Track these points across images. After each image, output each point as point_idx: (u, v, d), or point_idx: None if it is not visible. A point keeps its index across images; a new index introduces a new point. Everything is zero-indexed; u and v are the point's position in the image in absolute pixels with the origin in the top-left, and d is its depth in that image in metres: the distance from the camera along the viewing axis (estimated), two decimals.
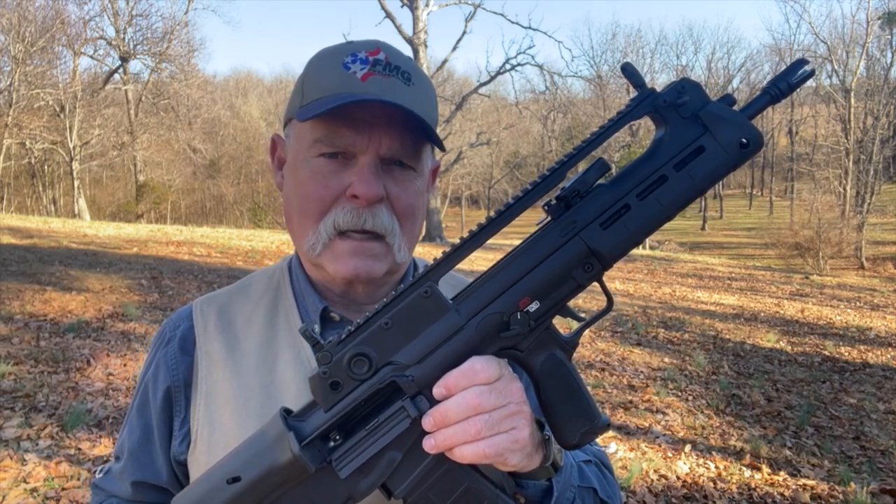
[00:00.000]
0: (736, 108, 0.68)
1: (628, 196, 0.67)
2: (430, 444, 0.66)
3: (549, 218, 0.69)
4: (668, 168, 0.66)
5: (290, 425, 0.69)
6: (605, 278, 0.70)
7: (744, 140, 0.66)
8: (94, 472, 1.04)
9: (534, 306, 0.68)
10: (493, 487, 0.71)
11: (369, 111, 0.81)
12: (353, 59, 0.83)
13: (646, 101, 0.67)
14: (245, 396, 0.88)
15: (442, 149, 0.87)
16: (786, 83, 0.66)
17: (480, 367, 0.66)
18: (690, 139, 0.66)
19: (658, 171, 0.67)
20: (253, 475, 0.69)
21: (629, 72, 0.67)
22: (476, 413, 0.64)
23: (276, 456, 0.68)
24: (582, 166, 0.71)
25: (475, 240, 0.68)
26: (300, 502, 0.70)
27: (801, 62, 0.67)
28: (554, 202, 0.68)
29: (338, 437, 0.69)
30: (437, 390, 0.66)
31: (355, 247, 0.84)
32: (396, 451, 0.69)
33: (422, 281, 0.68)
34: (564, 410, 0.71)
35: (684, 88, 0.67)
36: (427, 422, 0.66)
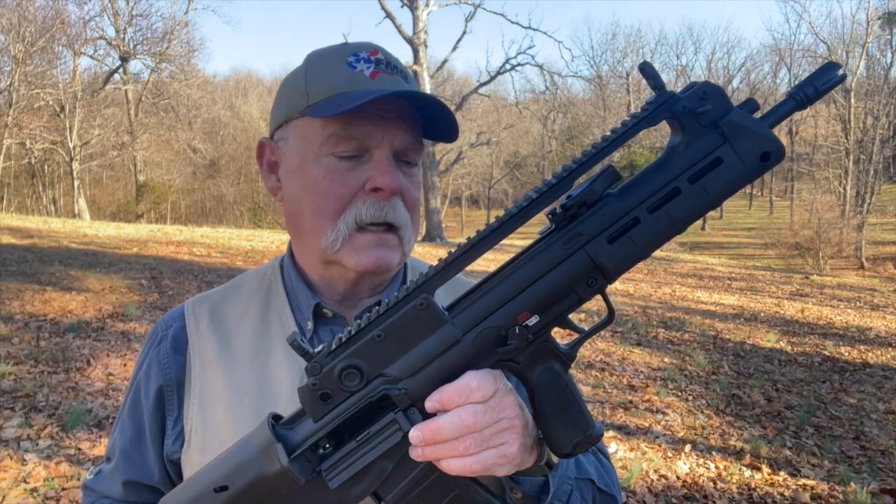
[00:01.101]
0: (759, 114, 0.64)
1: (638, 209, 0.63)
2: (416, 454, 0.66)
3: (552, 227, 0.66)
4: (682, 180, 0.63)
5: (279, 435, 0.68)
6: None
7: (765, 153, 0.62)
8: (88, 472, 1.04)
9: (533, 320, 0.66)
10: (484, 493, 0.71)
11: (383, 107, 0.83)
12: (356, 59, 0.85)
13: (664, 106, 0.62)
14: (238, 394, 0.88)
15: (456, 136, 0.88)
16: (813, 88, 0.62)
17: (476, 384, 0.65)
18: (708, 150, 0.62)
19: (671, 182, 0.63)
20: (240, 485, 0.68)
21: (648, 72, 0.62)
22: (469, 432, 0.64)
23: (265, 466, 0.67)
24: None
25: (473, 250, 0.65)
26: None
27: (833, 66, 0.62)
28: (559, 211, 0.65)
29: (327, 446, 0.68)
30: (430, 404, 0.65)
31: (376, 239, 0.85)
32: (388, 461, 0.68)
33: (417, 292, 0.66)
34: (558, 421, 0.70)
35: (706, 94, 0.62)
36: (416, 436, 0.65)
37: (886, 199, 38.79)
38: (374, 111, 0.82)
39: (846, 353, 7.77)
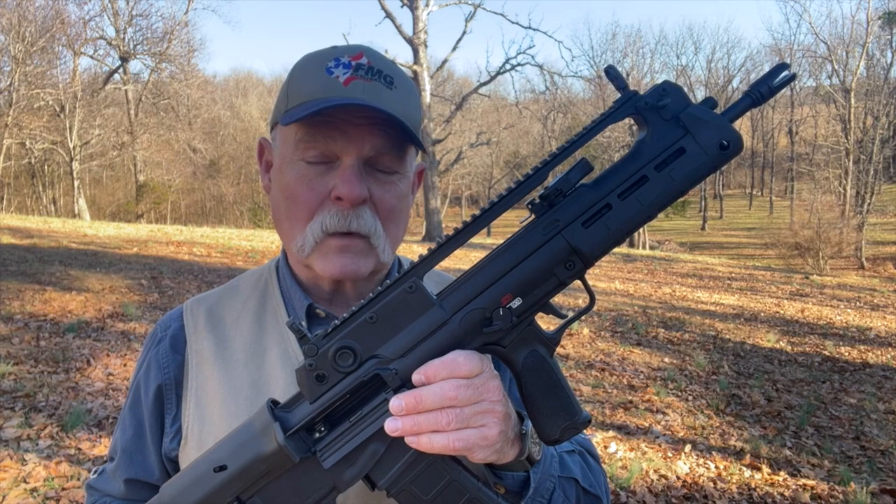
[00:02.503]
0: (718, 110, 0.69)
1: (610, 196, 0.68)
2: (393, 427, 0.66)
3: (532, 216, 0.70)
4: (649, 169, 0.68)
5: (276, 416, 0.71)
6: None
7: (724, 142, 0.67)
8: (91, 472, 1.05)
9: (516, 303, 0.69)
10: (476, 481, 0.72)
11: (352, 114, 0.82)
12: (336, 64, 0.85)
13: (628, 103, 0.68)
14: (234, 393, 0.90)
15: (423, 150, 0.89)
16: (766, 87, 0.67)
17: (463, 360, 0.67)
18: (671, 141, 0.68)
19: (639, 171, 0.68)
20: (239, 464, 0.70)
21: (612, 74, 0.68)
22: (450, 405, 0.65)
23: (262, 446, 0.69)
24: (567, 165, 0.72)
25: (459, 237, 0.69)
26: (285, 491, 0.71)
27: (782, 66, 0.68)
28: (537, 201, 0.70)
29: (322, 429, 0.71)
30: (416, 376, 0.67)
31: (342, 246, 0.86)
32: (379, 442, 0.70)
33: (407, 277, 0.70)
34: (545, 406, 0.73)
35: (666, 91, 0.68)
36: (396, 405, 0.66)
37: (886, 199, 38.82)
38: (344, 118, 0.82)
39: (846, 353, 7.77)
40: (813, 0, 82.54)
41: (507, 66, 23.74)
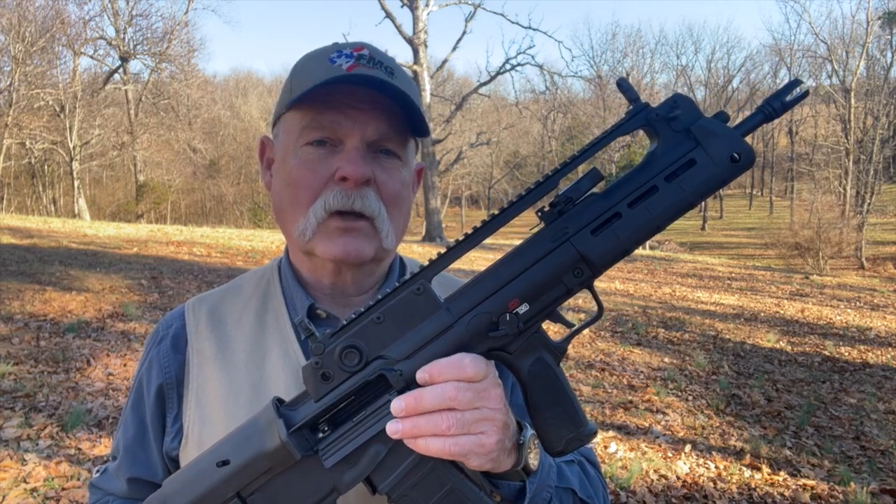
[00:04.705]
0: (730, 125, 0.70)
1: (619, 205, 0.68)
2: (394, 429, 0.66)
3: (542, 224, 0.71)
4: (660, 179, 0.68)
5: (281, 413, 0.71)
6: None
7: (735, 155, 0.68)
8: (94, 471, 1.05)
9: (523, 308, 0.69)
10: (478, 490, 0.72)
11: (355, 97, 0.84)
12: (338, 55, 0.87)
13: (639, 115, 0.69)
14: (235, 393, 0.89)
15: (427, 133, 0.90)
16: (780, 102, 0.69)
17: (469, 362, 0.67)
18: (682, 152, 0.68)
19: (649, 181, 0.69)
20: (241, 459, 0.70)
21: (624, 86, 0.69)
22: (449, 407, 0.65)
23: (265, 442, 0.70)
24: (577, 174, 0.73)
25: (468, 242, 0.70)
26: (286, 490, 0.72)
27: (795, 82, 0.69)
28: (547, 208, 0.70)
29: (326, 428, 0.71)
30: (421, 374, 0.67)
31: (345, 227, 0.86)
32: (381, 444, 0.70)
33: (415, 279, 0.70)
34: (550, 416, 0.72)
35: (677, 103, 0.69)
36: (397, 406, 0.66)
37: (886, 199, 38.82)
38: (347, 101, 0.84)
39: (846, 353, 7.77)
40: (813, 0, 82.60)
41: (507, 66, 23.75)
